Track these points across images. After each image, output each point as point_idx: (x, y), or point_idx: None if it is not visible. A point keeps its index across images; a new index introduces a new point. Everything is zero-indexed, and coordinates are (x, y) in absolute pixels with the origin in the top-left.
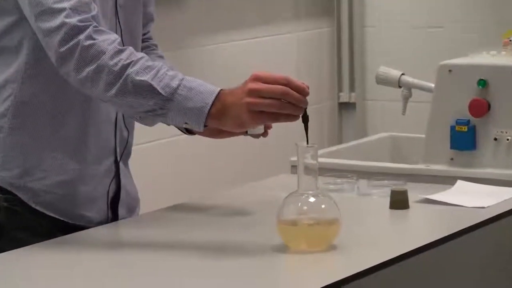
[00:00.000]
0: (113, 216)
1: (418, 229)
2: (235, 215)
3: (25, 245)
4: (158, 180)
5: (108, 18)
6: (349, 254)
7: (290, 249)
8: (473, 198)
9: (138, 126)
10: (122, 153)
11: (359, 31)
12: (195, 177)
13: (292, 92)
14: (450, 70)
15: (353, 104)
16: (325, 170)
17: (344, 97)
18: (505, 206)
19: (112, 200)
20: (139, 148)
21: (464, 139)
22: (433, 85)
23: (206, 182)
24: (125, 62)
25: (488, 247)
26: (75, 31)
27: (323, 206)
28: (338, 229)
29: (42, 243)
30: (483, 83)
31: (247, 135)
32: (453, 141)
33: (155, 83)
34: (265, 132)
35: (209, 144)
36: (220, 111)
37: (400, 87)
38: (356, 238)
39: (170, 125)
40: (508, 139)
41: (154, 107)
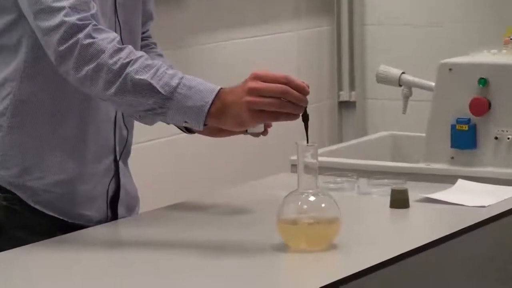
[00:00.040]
0: (113, 215)
1: (419, 228)
2: (235, 214)
3: (24, 244)
4: (158, 179)
5: (107, 16)
6: (349, 253)
7: (290, 248)
8: (474, 197)
9: (137, 125)
10: (121, 152)
11: (359, 30)
12: (195, 176)
13: (292, 91)
14: (450, 69)
15: (353, 103)
16: (325, 169)
17: (344, 95)
18: (505, 205)
19: (112, 199)
20: (138, 147)
21: (465, 138)
22: (433, 83)
23: (206, 181)
24: (124, 61)
25: (489, 246)
26: (74, 30)
27: (323, 205)
28: (338, 228)
29: (41, 242)
30: (483, 81)
31: (247, 134)
32: (454, 140)
33: (155, 82)
34: (265, 131)
35: (209, 143)
36: (220, 110)
37: (400, 85)
38: (356, 237)
39: (170, 124)
40: (508, 138)
41: (153, 106)
